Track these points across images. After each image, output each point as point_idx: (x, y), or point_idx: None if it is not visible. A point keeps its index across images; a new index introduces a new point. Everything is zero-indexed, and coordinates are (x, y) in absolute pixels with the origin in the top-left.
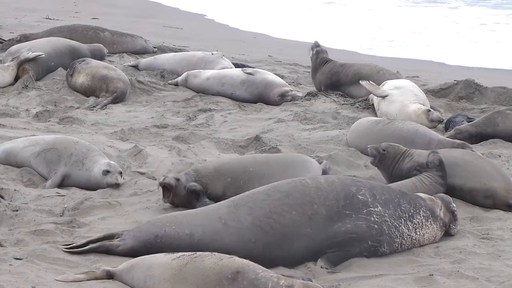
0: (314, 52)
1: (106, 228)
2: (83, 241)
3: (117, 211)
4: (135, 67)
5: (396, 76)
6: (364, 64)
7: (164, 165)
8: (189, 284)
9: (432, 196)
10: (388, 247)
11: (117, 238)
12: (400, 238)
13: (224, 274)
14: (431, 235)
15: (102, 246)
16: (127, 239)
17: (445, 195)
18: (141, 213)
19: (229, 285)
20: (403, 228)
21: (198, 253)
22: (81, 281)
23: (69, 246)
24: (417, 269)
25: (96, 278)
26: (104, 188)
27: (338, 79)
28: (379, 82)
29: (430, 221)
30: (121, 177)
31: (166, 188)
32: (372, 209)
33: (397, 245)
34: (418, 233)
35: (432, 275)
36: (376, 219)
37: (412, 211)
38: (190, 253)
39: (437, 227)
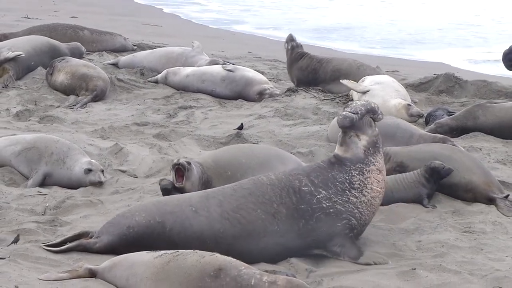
0: (289, 47)
1: (88, 227)
2: (60, 239)
3: (98, 210)
4: (115, 65)
5: (375, 71)
6: (342, 59)
7: (145, 162)
8: (172, 282)
9: (347, 138)
10: (355, 220)
11: (91, 236)
12: (356, 208)
13: (207, 272)
14: (375, 178)
15: (80, 245)
16: (101, 235)
17: (347, 113)
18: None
19: (212, 282)
20: (352, 198)
21: (180, 251)
22: (63, 279)
23: (47, 244)
24: (400, 263)
25: (79, 277)
26: (85, 186)
27: (316, 77)
28: (359, 78)
29: (366, 170)
30: (103, 175)
31: (180, 170)
32: (318, 196)
33: (358, 215)
34: (366, 192)
35: (415, 269)
36: (327, 204)
37: (347, 177)
38: (172, 251)
39: (374, 164)
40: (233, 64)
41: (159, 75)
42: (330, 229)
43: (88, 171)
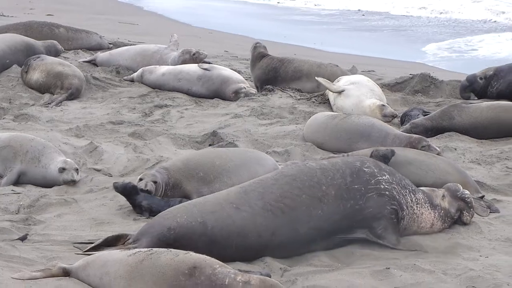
0: (252, 47)
1: (62, 226)
2: (97, 242)
3: (73, 208)
4: (93, 61)
5: (339, 68)
6: (303, 60)
7: (120, 161)
8: (146, 281)
9: (432, 188)
10: (402, 213)
11: (129, 239)
12: (405, 207)
13: (181, 270)
14: (428, 218)
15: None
16: (141, 238)
17: (452, 184)
18: (97, 210)
19: (186, 281)
20: (408, 197)
21: (154, 249)
22: (37, 278)
23: (86, 250)
24: (374, 262)
25: (52, 276)
26: (60, 185)
27: (277, 75)
28: (321, 76)
29: (428, 206)
30: (77, 174)
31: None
32: (380, 178)
33: (406, 211)
34: (418, 209)
35: (389, 268)
36: (386, 186)
37: (413, 187)
38: (146, 249)
39: (435, 215)
40: (210, 63)
41: (135, 74)
42: (379, 210)
43: (62, 169)
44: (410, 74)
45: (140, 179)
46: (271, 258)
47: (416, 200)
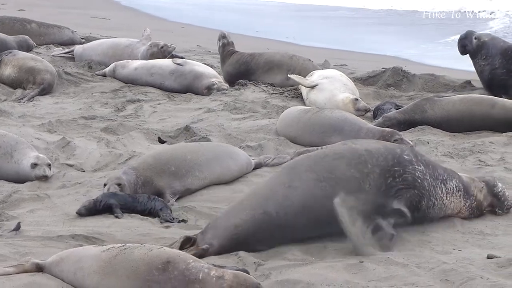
0: (220, 44)
1: (35, 221)
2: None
3: (45, 204)
4: (70, 53)
5: (310, 61)
6: (274, 52)
7: (93, 156)
8: (119, 276)
9: (474, 177)
10: (426, 203)
11: (194, 240)
12: (434, 198)
13: (154, 265)
14: (456, 206)
15: (196, 254)
16: (209, 240)
17: (492, 178)
18: (70, 205)
19: (160, 276)
20: (438, 189)
21: (128, 244)
22: (10, 274)
23: None
24: (347, 256)
25: (25, 271)
26: (32, 180)
27: (248, 68)
28: (293, 68)
29: (460, 194)
30: (50, 169)
31: None
32: (416, 166)
33: (431, 203)
34: (448, 198)
35: (362, 262)
36: (419, 175)
37: (446, 176)
38: (119, 244)
39: (465, 204)
40: (182, 57)
41: (107, 68)
42: (405, 190)
43: (34, 165)
44: (383, 68)
45: (105, 185)
46: (245, 252)
47: (447, 190)
